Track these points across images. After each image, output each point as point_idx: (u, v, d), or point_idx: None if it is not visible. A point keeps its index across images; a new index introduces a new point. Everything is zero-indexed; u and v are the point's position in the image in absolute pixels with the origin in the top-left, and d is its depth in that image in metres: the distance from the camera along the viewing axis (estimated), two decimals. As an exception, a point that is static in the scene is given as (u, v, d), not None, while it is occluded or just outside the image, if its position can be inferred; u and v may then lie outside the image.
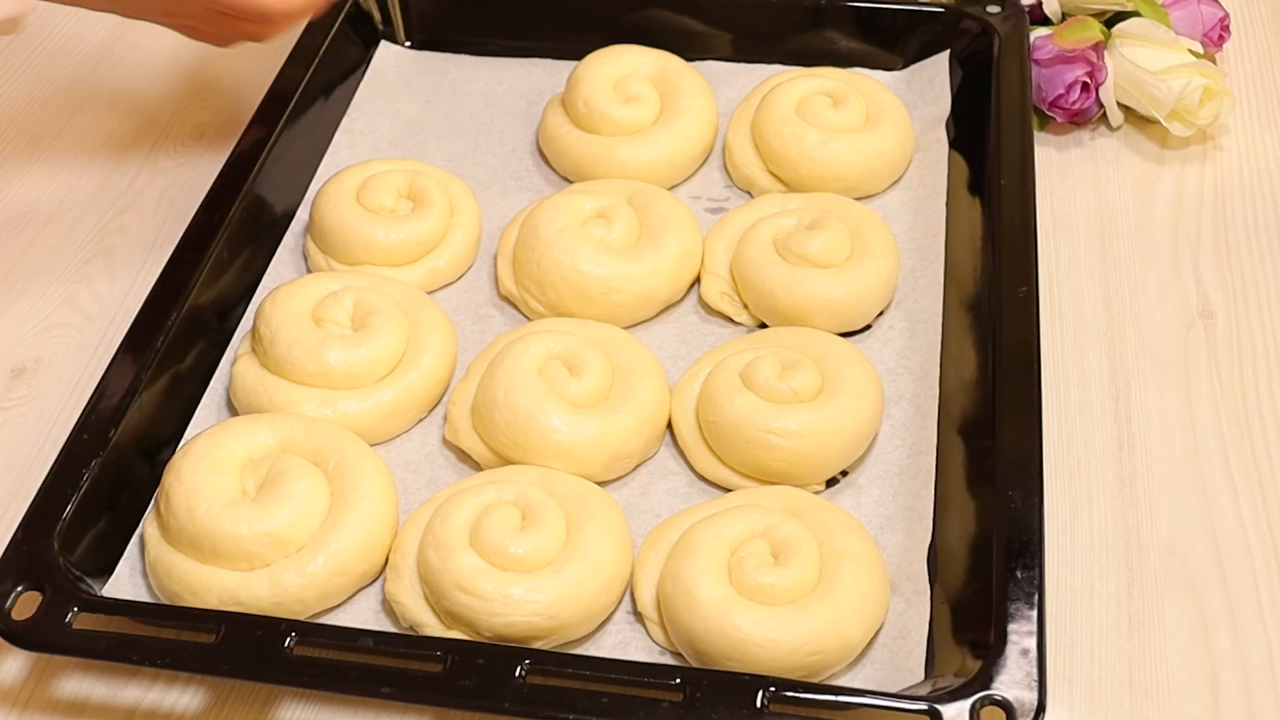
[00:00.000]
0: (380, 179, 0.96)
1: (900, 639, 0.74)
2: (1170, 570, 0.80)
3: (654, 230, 0.92)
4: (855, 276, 0.88)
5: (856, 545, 0.75)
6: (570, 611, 0.74)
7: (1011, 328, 0.81)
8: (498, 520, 0.76)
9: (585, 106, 1.01)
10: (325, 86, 1.06)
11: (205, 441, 0.81)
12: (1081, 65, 1.02)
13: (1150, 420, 0.87)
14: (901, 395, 0.86)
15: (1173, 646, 0.76)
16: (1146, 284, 0.95)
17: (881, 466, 0.83)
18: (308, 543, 0.77)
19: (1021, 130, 0.93)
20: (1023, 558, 0.71)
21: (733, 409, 0.81)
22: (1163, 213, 1.00)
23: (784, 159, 0.97)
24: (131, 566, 0.80)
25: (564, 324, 0.88)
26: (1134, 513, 0.82)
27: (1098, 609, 0.78)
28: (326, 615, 0.78)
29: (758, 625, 0.71)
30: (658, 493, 0.83)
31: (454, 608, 0.74)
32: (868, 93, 1.00)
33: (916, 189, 0.99)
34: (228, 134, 1.09)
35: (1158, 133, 1.05)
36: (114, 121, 1.13)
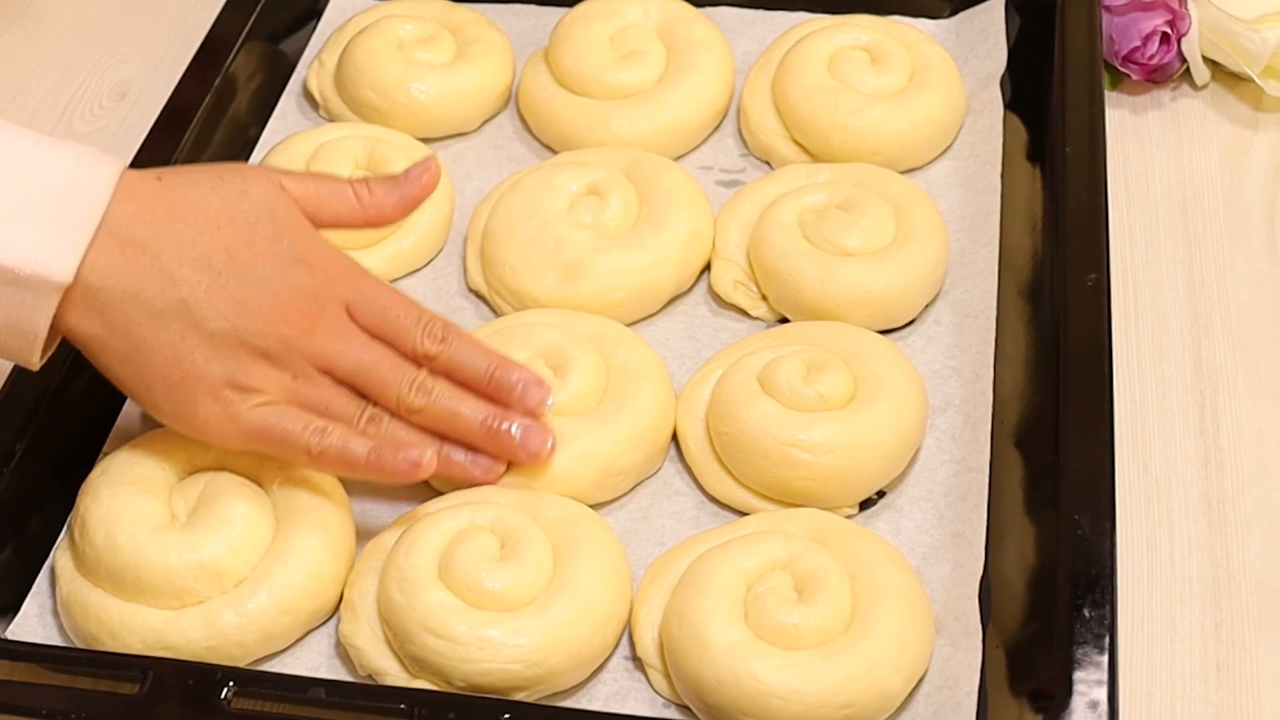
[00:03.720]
0: (334, 147, 0.97)
1: (947, 689, 0.75)
2: (1265, 609, 0.80)
3: (656, 209, 0.92)
4: (897, 266, 0.88)
5: (895, 579, 0.75)
6: (557, 657, 0.74)
7: (1078, 322, 0.82)
8: (472, 549, 0.76)
9: (575, 66, 1.01)
10: (270, 37, 1.06)
11: (128, 457, 0.81)
12: (1161, 13, 1.02)
13: (1242, 432, 0.87)
14: (948, 402, 0.86)
15: (1268, 698, 0.76)
16: (1237, 270, 0.95)
17: (925, 486, 0.83)
18: (248, 575, 0.77)
19: (1090, 89, 0.93)
20: (1091, 593, 0.71)
21: (749, 418, 0.81)
22: (1256, 186, 1.00)
23: (812, 127, 0.97)
24: (41, 604, 0.80)
25: (549, 315, 0.88)
26: (1223, 541, 0.82)
27: (1180, 654, 0.78)
28: (270, 661, 0.78)
29: (779, 673, 0.71)
30: (661, 516, 0.84)
31: (421, 653, 0.74)
32: (910, 46, 1.01)
33: (967, 159, 0.99)
34: (154, 94, 1.09)
35: (1250, 93, 1.05)
36: (18, 82, 1.13)
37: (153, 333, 0.73)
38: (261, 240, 0.76)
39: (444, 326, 0.80)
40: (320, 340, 0.76)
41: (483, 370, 0.80)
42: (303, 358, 0.76)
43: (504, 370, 0.80)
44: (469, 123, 1.04)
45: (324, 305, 0.77)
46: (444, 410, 0.79)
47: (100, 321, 0.73)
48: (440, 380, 0.79)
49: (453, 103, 1.02)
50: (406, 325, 0.79)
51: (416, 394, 0.78)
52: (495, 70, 1.04)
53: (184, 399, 0.75)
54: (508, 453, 0.80)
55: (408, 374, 0.78)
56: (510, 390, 0.80)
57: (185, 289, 0.73)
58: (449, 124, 1.03)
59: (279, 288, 0.75)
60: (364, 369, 0.78)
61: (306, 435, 0.75)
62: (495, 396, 0.80)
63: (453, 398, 0.79)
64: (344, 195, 0.80)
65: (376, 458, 0.76)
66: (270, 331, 0.75)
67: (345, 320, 0.78)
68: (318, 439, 0.75)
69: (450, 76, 1.02)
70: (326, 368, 0.77)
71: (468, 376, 0.80)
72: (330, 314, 0.77)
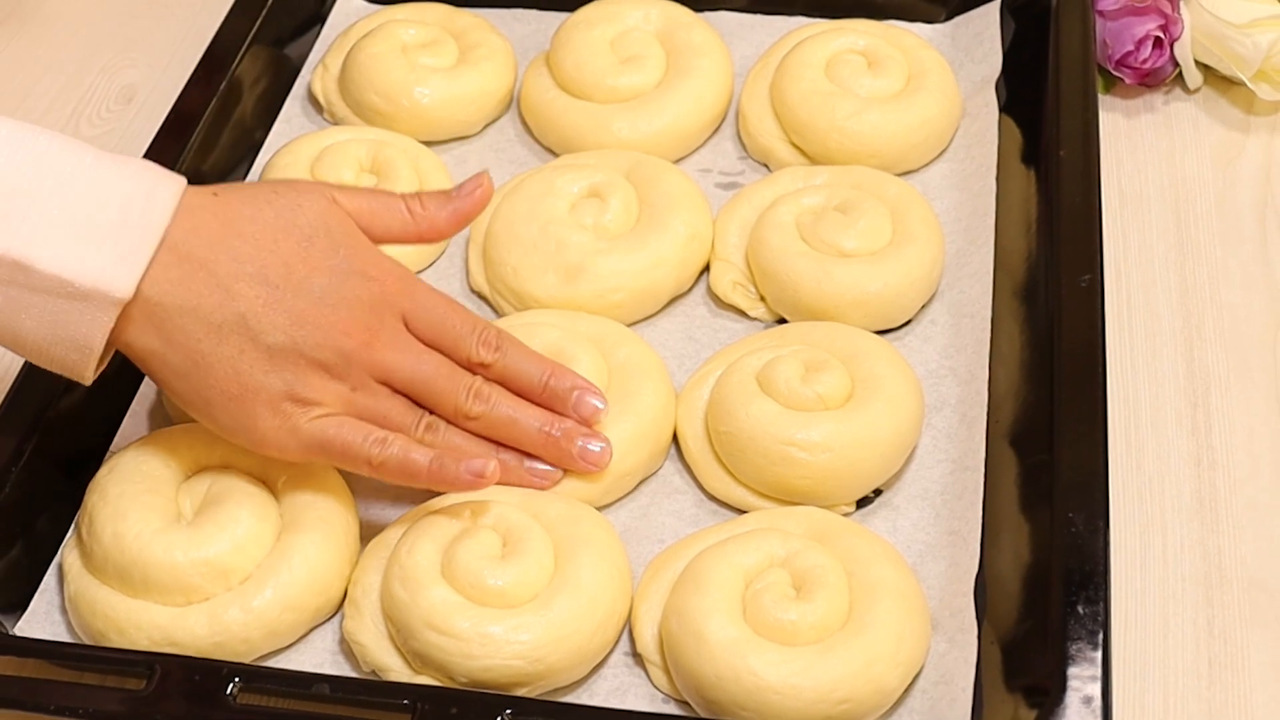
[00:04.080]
0: (338, 150, 0.97)
1: (943, 684, 0.75)
2: (1257, 606, 0.80)
3: (656, 211, 0.92)
4: (894, 267, 0.88)
5: (891, 576, 0.75)
6: (559, 653, 0.74)
7: (1072, 323, 0.82)
8: (474, 548, 0.76)
9: (576, 70, 1.01)
10: (275, 43, 1.06)
11: (135, 456, 0.81)
12: (1154, 17, 1.02)
13: (1234, 432, 0.87)
14: (944, 401, 0.86)
15: (1259, 694, 0.76)
16: (1229, 272, 0.95)
17: (921, 484, 0.83)
18: (254, 573, 0.77)
19: (1084, 93, 0.93)
20: (1085, 590, 0.71)
21: (748, 417, 0.81)
22: (1248, 189, 1.00)
23: (810, 130, 0.97)
24: (49, 601, 0.80)
25: (550, 316, 0.88)
26: (1215, 539, 0.82)
27: (1172, 651, 0.78)
28: (275, 657, 0.78)
29: (777, 669, 0.71)
30: (661, 515, 0.84)
31: (424, 649, 0.74)
32: (907, 50, 1.01)
33: (962, 161, 0.99)
34: (161, 98, 1.09)
35: (1242, 96, 1.05)
36: (26, 83, 1.13)
37: (211, 347, 0.73)
38: (317, 254, 0.75)
39: (498, 335, 0.80)
40: (378, 352, 0.76)
41: (537, 378, 0.80)
42: (361, 369, 0.76)
43: (558, 378, 0.80)
44: (471, 126, 1.04)
45: (381, 316, 0.77)
46: (501, 417, 0.79)
47: (159, 336, 0.73)
48: (496, 388, 0.79)
49: (455, 106, 1.02)
50: (462, 334, 0.79)
51: (474, 401, 0.78)
52: (497, 74, 1.04)
53: (243, 412, 0.74)
54: (566, 461, 0.80)
55: (464, 382, 0.78)
56: (565, 399, 0.80)
57: (243, 303, 0.73)
58: (451, 127, 1.03)
59: (336, 300, 0.75)
60: (421, 378, 0.78)
61: (367, 446, 0.75)
62: (550, 404, 0.80)
63: (510, 405, 0.79)
64: (397, 209, 0.79)
65: (439, 467, 0.76)
66: (328, 344, 0.75)
67: (402, 331, 0.78)
68: (379, 449, 0.75)
69: (453, 80, 1.02)
70: (384, 378, 0.77)
71: (523, 385, 0.80)
72: (387, 325, 0.77)
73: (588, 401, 0.80)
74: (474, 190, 0.81)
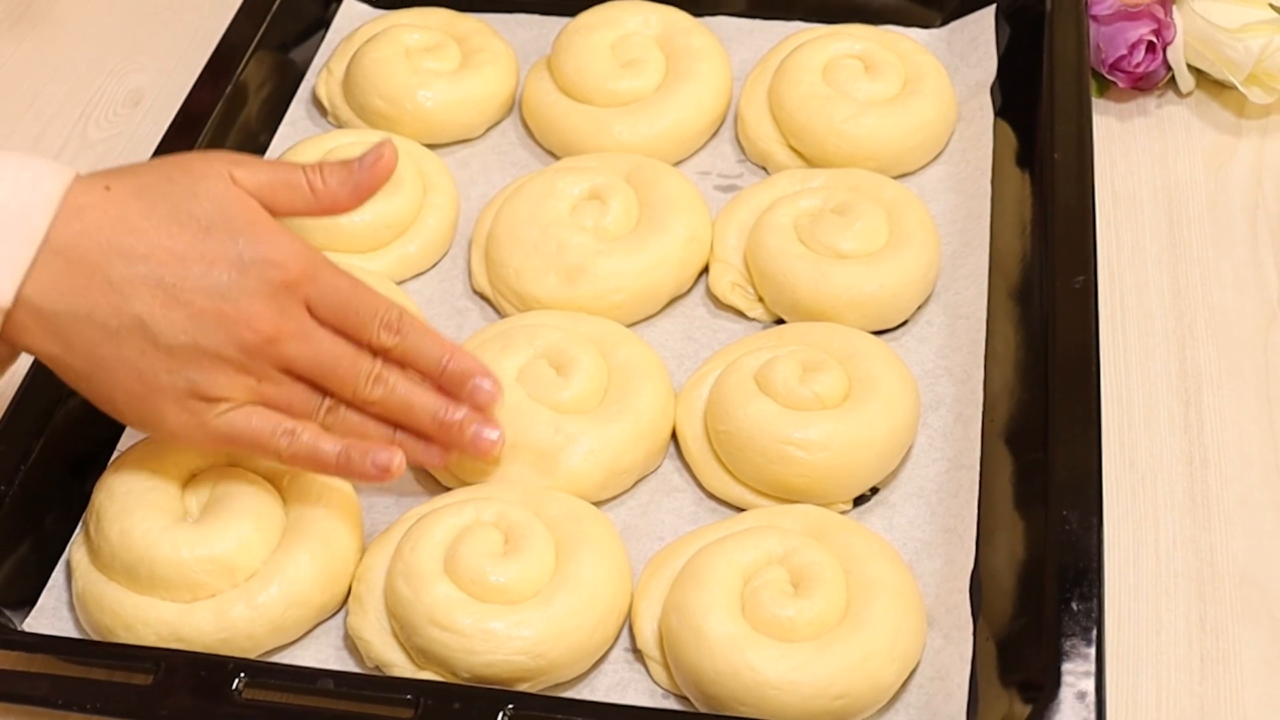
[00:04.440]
0: (342, 153, 0.96)
1: (938, 680, 0.75)
2: (1248, 602, 0.80)
3: (656, 213, 0.92)
4: (891, 268, 0.88)
5: (888, 573, 0.75)
6: (560, 649, 0.74)
7: (1066, 323, 0.82)
8: (477, 545, 0.76)
9: (577, 74, 1.01)
10: (280, 47, 1.06)
11: (142, 454, 0.81)
12: (1147, 22, 1.02)
13: (1225, 430, 0.87)
14: (940, 401, 0.86)
15: (1251, 689, 0.76)
16: (1221, 274, 0.95)
17: (917, 483, 0.83)
18: (259, 570, 0.77)
19: (1078, 97, 0.93)
20: (1079, 587, 0.71)
21: (746, 417, 0.81)
22: (1239, 192, 1.00)
23: (807, 133, 0.97)
24: (57, 597, 0.80)
25: (552, 317, 0.88)
26: (1206, 536, 0.82)
27: (1165, 646, 0.78)
28: (280, 653, 0.78)
29: (775, 665, 0.71)
30: (660, 512, 0.84)
31: (426, 645, 0.74)
32: (903, 55, 1.01)
33: (958, 164, 0.99)
34: (168, 101, 1.09)
35: (1234, 100, 1.05)
36: (35, 88, 1.13)
37: (111, 351, 0.72)
38: (215, 245, 0.73)
39: (400, 317, 0.78)
40: (281, 345, 0.75)
41: (436, 363, 0.79)
42: (265, 362, 0.75)
43: (456, 362, 0.79)
44: (474, 129, 1.04)
45: (284, 307, 0.74)
46: (398, 403, 0.78)
47: (57, 342, 0.72)
48: (395, 371, 0.78)
49: (458, 109, 1.02)
50: (365, 318, 0.77)
51: (372, 387, 0.77)
52: (499, 78, 1.04)
53: (150, 410, 0.74)
54: (457, 445, 0.80)
55: (364, 368, 0.77)
56: (461, 384, 0.80)
57: (139, 305, 0.71)
58: (454, 130, 1.03)
59: (237, 295, 0.73)
60: (324, 367, 0.76)
61: (276, 438, 0.75)
62: (447, 389, 0.80)
63: (407, 390, 0.78)
64: (298, 185, 0.77)
65: (345, 460, 0.76)
66: (231, 340, 0.73)
67: (305, 318, 0.76)
68: (287, 441, 0.75)
69: (455, 84, 1.02)
70: (287, 368, 0.76)
71: (423, 367, 0.79)
72: (290, 314, 0.75)
73: (482, 388, 0.80)
74: (374, 162, 0.78)
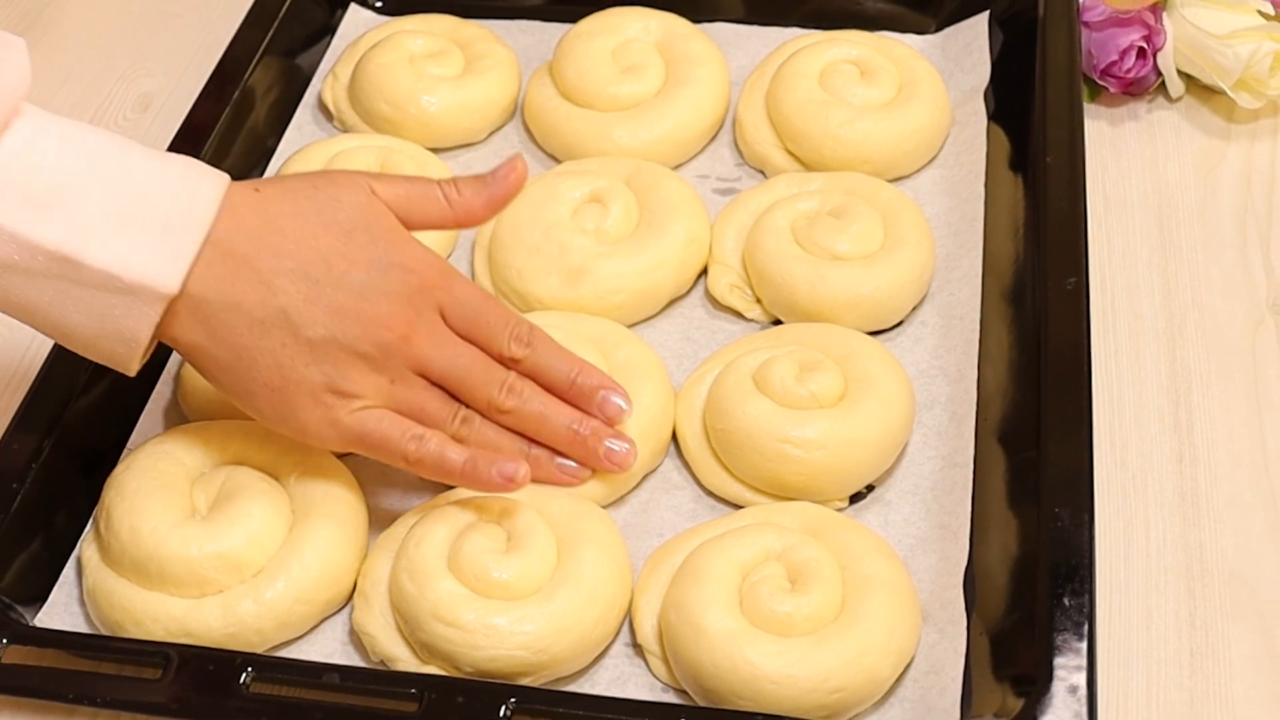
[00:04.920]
0: (348, 156, 0.96)
1: (933, 674, 0.75)
2: (1237, 599, 0.80)
3: (656, 215, 0.92)
4: (886, 270, 0.88)
5: (884, 569, 0.75)
6: (561, 644, 0.74)
7: (1058, 324, 0.82)
8: (480, 542, 0.76)
9: (578, 79, 1.01)
10: (287, 53, 1.06)
11: (151, 453, 0.81)
12: (1137, 28, 1.02)
13: (1215, 430, 0.87)
14: (935, 400, 0.86)
15: (1240, 684, 0.76)
16: (1210, 275, 0.95)
17: (912, 480, 0.83)
18: (266, 566, 0.77)
19: (1070, 102, 0.93)
20: (1071, 583, 0.71)
21: (744, 416, 0.81)
22: (1228, 195, 1.00)
23: (804, 137, 0.97)
24: (68, 593, 0.80)
25: (553, 317, 0.88)
26: (1196, 533, 0.82)
27: (1155, 641, 0.78)
28: (287, 648, 0.78)
29: (773, 659, 0.71)
30: (660, 510, 0.84)
31: (431, 640, 0.74)
32: (898, 60, 1.01)
33: (952, 168, 0.99)
34: (176, 105, 1.09)
35: (1223, 105, 1.05)
36: (46, 91, 1.13)
37: (254, 341, 0.73)
38: (356, 248, 0.75)
39: (530, 330, 0.79)
40: (416, 345, 0.76)
41: (565, 375, 0.80)
42: (399, 362, 0.76)
43: (586, 376, 0.80)
44: (477, 133, 1.04)
45: (419, 309, 0.76)
46: (533, 413, 0.79)
47: (203, 331, 0.73)
48: (528, 383, 0.79)
49: (461, 114, 1.02)
50: (496, 329, 0.78)
51: (507, 396, 0.78)
52: (502, 83, 1.04)
53: (285, 403, 0.74)
54: (592, 460, 0.80)
55: (498, 376, 0.78)
56: (591, 397, 0.80)
57: (284, 298, 0.73)
58: (458, 134, 1.03)
59: (376, 294, 0.74)
60: (457, 372, 0.77)
61: (405, 442, 0.75)
62: (576, 402, 0.80)
63: (541, 402, 0.79)
64: (434, 197, 0.78)
65: (472, 468, 0.76)
66: (367, 338, 0.74)
67: (439, 323, 0.77)
68: (415, 446, 0.75)
69: (459, 89, 1.02)
70: (421, 370, 0.77)
71: (551, 380, 0.80)
72: (425, 318, 0.76)
73: (613, 402, 0.80)
74: (508, 175, 0.79)
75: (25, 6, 1.19)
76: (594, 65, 1.01)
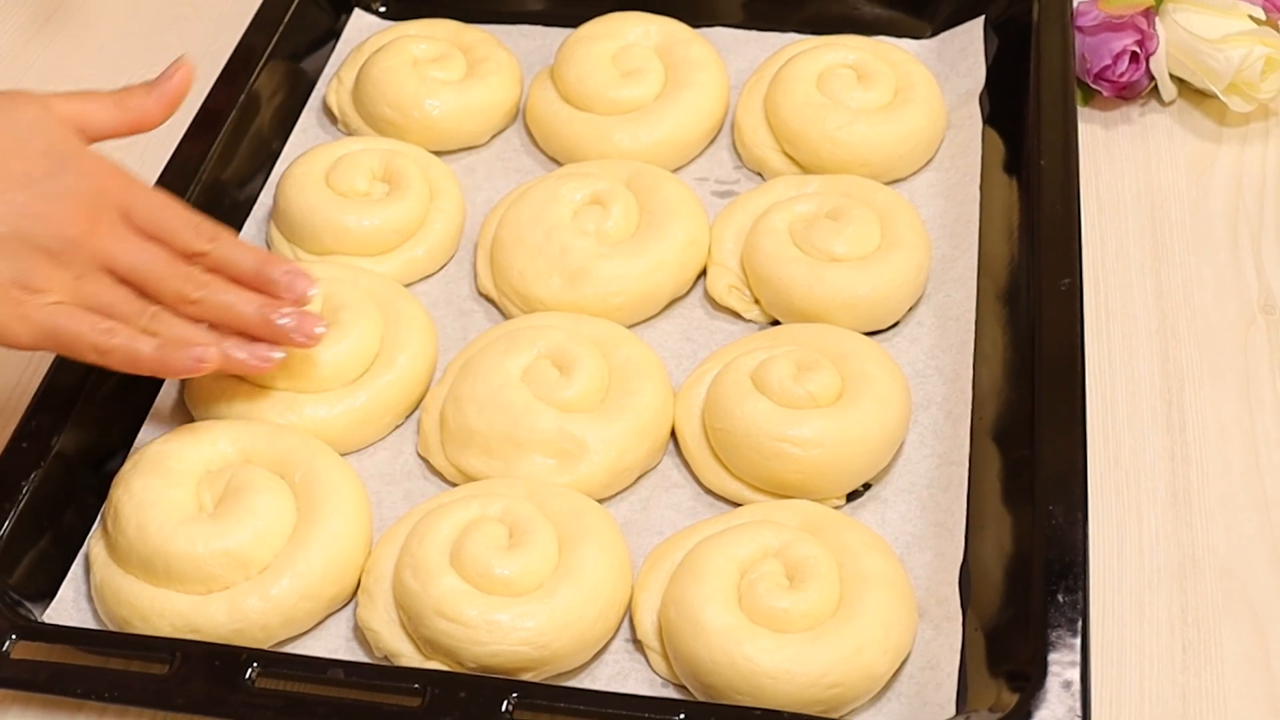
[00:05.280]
0: (352, 159, 0.96)
1: (929, 670, 0.75)
2: (1229, 595, 0.80)
3: (656, 217, 0.92)
4: (882, 271, 0.88)
5: (880, 566, 0.75)
6: (562, 640, 0.74)
7: (1052, 324, 0.82)
8: (482, 539, 0.76)
9: (579, 83, 1.01)
10: (292, 57, 1.06)
11: (158, 451, 0.81)
12: (1130, 33, 1.02)
13: (1206, 429, 0.87)
14: (930, 399, 0.86)
15: (1232, 679, 0.76)
16: (1202, 277, 0.95)
17: (908, 478, 0.83)
18: (271, 563, 0.77)
19: (1064, 105, 0.93)
20: (1065, 580, 0.71)
21: (743, 415, 0.81)
22: (1220, 197, 1.00)
23: (802, 141, 0.97)
24: (76, 590, 0.80)
25: (554, 318, 0.88)
26: (1188, 531, 0.82)
27: (1148, 637, 0.78)
28: (292, 644, 0.78)
29: (771, 655, 0.71)
30: (660, 508, 0.84)
31: (433, 635, 0.74)
32: (895, 64, 1.01)
33: (947, 170, 0.99)
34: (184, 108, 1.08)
35: (1215, 108, 1.05)
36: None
37: None
38: (35, 154, 0.76)
39: (213, 228, 0.80)
40: (100, 239, 0.77)
41: (251, 266, 0.81)
42: (85, 256, 0.76)
43: (270, 265, 0.81)
44: (479, 136, 1.04)
45: (100, 210, 0.77)
46: (221, 301, 0.79)
47: None
48: (214, 276, 0.80)
49: (464, 117, 1.02)
50: (179, 226, 0.79)
51: (194, 288, 0.79)
52: (504, 87, 1.04)
53: None
54: (283, 338, 0.80)
55: (183, 269, 0.79)
56: (277, 283, 0.81)
57: None
58: (460, 138, 1.03)
59: (57, 193, 0.75)
60: (142, 267, 0.78)
61: (95, 334, 0.76)
62: (265, 290, 0.81)
63: (227, 290, 0.80)
64: (108, 105, 0.80)
65: (161, 356, 0.76)
66: (50, 232, 0.75)
67: (120, 224, 0.78)
68: (105, 338, 0.76)
69: (461, 93, 1.02)
70: (108, 265, 0.77)
71: (238, 273, 0.80)
72: (106, 218, 0.77)
73: (299, 283, 0.81)
74: (174, 75, 0.82)
75: (35, 9, 1.19)
76: (594, 69, 1.01)
